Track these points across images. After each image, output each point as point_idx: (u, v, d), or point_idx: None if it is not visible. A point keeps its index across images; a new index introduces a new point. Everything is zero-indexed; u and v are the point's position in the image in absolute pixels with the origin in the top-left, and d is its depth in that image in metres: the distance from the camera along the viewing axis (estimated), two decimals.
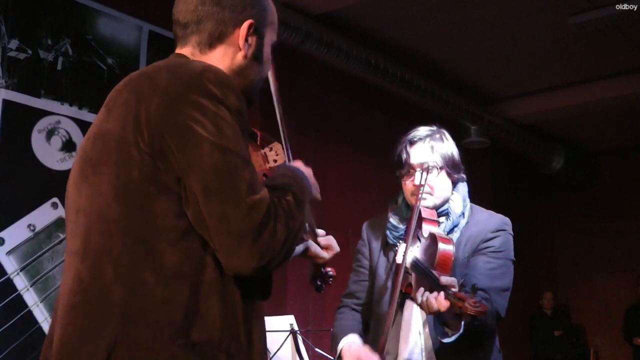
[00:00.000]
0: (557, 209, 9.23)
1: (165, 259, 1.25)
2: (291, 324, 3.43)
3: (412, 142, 2.31)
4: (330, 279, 1.80)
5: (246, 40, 1.44)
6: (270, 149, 1.58)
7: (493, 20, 5.55)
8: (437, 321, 2.09)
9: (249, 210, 1.22)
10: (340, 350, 2.26)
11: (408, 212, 2.31)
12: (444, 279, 1.95)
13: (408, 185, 2.30)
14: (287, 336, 3.39)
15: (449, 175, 2.32)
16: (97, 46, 4.41)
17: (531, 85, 6.94)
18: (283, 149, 1.60)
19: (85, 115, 4.30)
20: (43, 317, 3.95)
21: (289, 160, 1.60)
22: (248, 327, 1.33)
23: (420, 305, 1.99)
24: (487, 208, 2.42)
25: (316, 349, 3.53)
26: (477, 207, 2.39)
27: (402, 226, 2.33)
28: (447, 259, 2.08)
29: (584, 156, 8.74)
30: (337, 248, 1.75)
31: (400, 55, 6.01)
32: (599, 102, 6.92)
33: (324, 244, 1.73)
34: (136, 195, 1.26)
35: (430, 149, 2.29)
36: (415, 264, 2.13)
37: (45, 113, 4.11)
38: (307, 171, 1.51)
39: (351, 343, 2.25)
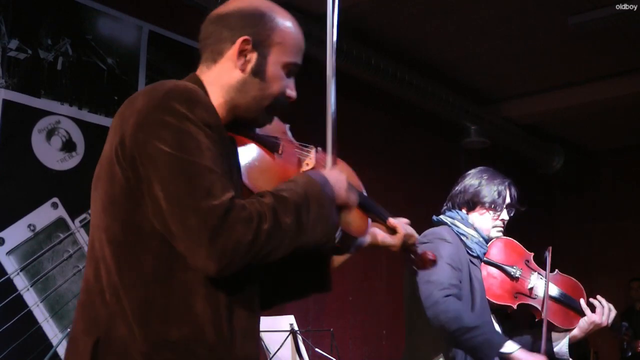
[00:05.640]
0: (557, 209, 9.22)
1: (145, 263, 1.38)
2: (291, 324, 3.44)
3: (511, 185, 2.85)
4: (431, 264, 1.80)
5: (244, 56, 1.54)
6: (305, 154, 1.70)
7: (493, 20, 5.54)
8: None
9: (205, 214, 1.31)
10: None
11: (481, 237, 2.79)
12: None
13: (495, 219, 2.81)
14: (287, 336, 3.39)
15: None
16: (97, 46, 4.41)
17: (531, 85, 6.93)
18: (317, 153, 1.71)
19: (85, 115, 4.30)
20: (43, 317, 3.95)
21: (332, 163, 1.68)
22: (231, 324, 1.42)
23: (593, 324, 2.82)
24: None
25: (316, 349, 3.53)
26: None
27: (484, 242, 2.79)
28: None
29: (584, 156, 8.73)
30: (407, 230, 1.77)
31: (400, 55, 6.01)
32: (599, 102, 6.91)
33: (391, 225, 1.77)
34: (118, 208, 1.40)
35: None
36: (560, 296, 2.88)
37: (45, 113, 4.11)
38: (335, 176, 1.59)
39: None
